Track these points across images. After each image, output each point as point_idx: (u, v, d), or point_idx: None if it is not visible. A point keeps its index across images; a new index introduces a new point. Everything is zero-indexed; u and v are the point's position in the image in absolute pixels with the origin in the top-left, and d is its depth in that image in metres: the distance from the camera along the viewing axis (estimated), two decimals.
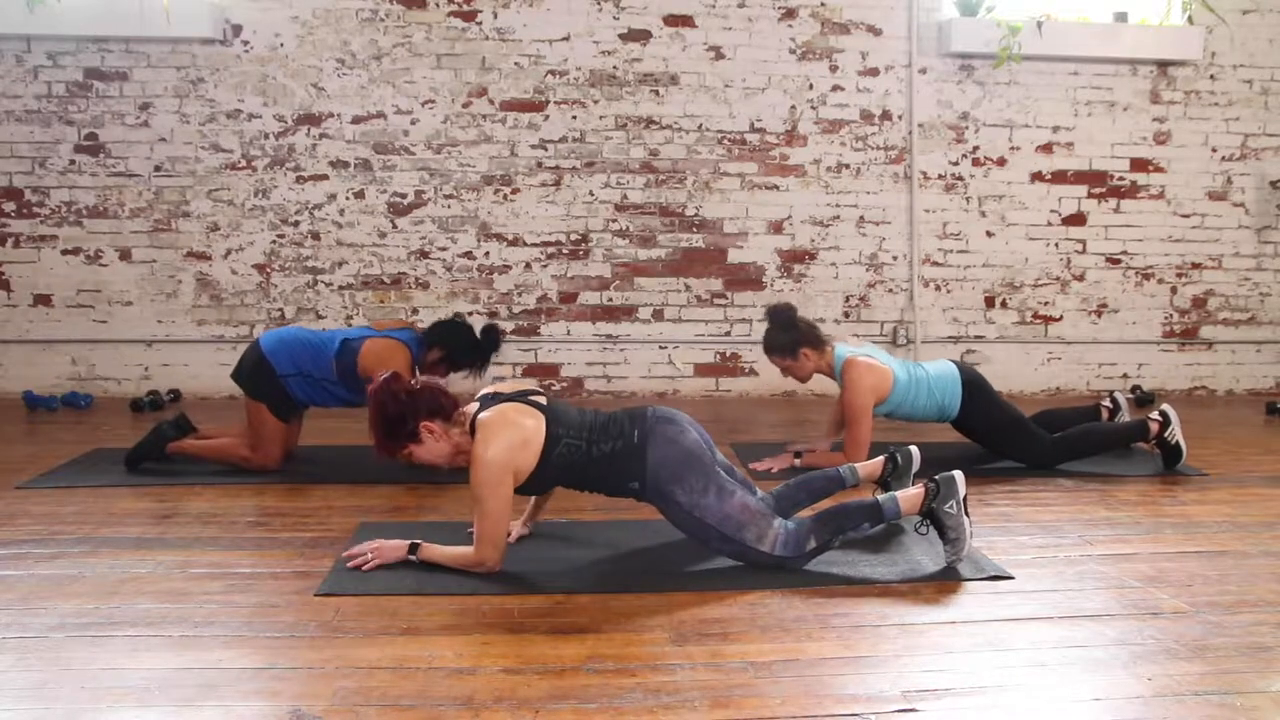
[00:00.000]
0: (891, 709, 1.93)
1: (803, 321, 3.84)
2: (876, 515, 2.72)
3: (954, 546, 2.67)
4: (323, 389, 3.62)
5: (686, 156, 5.29)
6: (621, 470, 2.66)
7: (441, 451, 2.65)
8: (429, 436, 2.62)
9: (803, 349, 3.76)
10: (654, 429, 2.66)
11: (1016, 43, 5.18)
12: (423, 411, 2.62)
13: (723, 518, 2.63)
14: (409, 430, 2.61)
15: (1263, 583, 2.63)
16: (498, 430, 2.56)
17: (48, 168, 5.07)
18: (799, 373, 3.82)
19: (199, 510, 3.21)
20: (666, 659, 2.13)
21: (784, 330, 3.79)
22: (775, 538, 2.66)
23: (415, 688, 1.99)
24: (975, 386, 3.79)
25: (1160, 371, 5.67)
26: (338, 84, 5.11)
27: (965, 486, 2.70)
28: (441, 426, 2.63)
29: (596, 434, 2.67)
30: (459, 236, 5.24)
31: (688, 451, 2.65)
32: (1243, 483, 3.68)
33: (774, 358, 3.85)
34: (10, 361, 5.15)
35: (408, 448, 2.64)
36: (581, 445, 2.65)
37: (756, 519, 2.65)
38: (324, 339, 3.64)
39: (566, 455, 2.64)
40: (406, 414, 2.60)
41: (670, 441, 2.65)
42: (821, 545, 2.69)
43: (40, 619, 2.32)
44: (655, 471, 2.63)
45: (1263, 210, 5.64)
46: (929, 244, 5.46)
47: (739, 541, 2.65)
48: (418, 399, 2.62)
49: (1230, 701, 1.96)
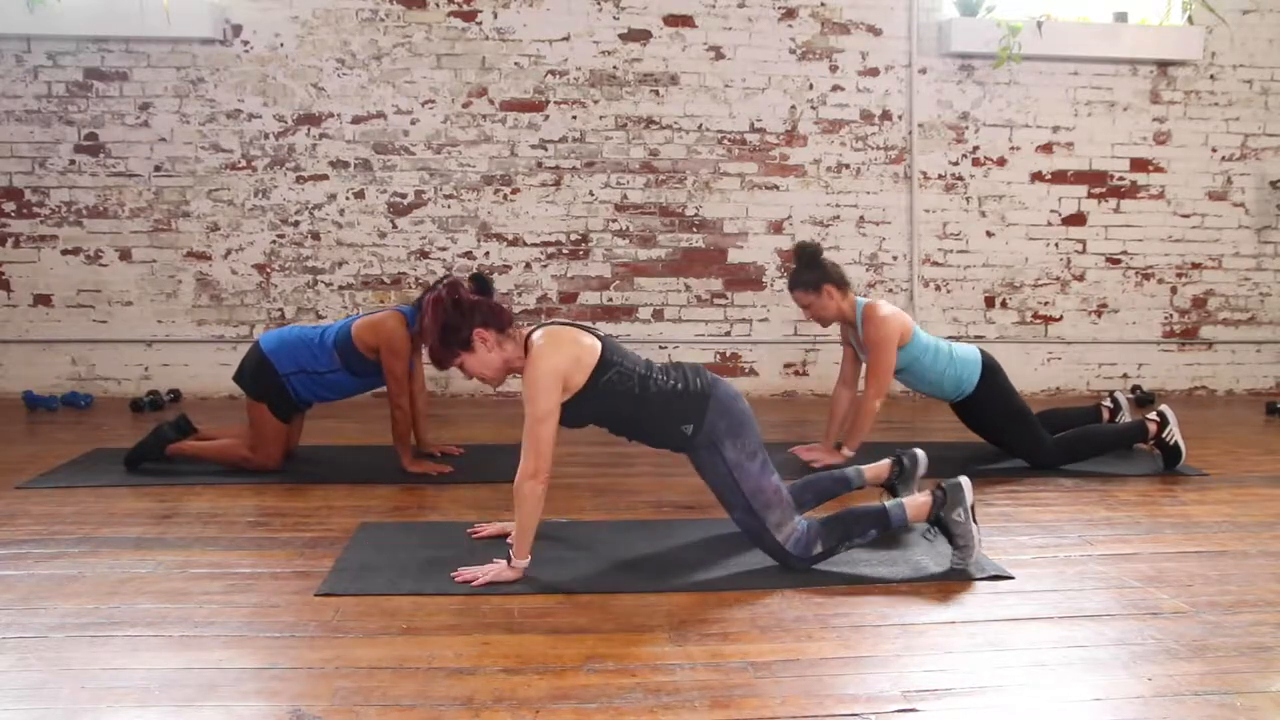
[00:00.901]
0: (891, 709, 1.93)
1: (829, 261, 3.82)
2: (884, 522, 2.72)
3: (963, 554, 2.66)
4: (326, 382, 3.62)
5: (686, 156, 5.29)
6: (678, 410, 2.67)
7: (493, 362, 2.65)
8: (481, 346, 2.63)
9: (827, 286, 3.74)
10: (717, 383, 2.73)
11: (1016, 43, 5.18)
12: (478, 320, 2.62)
13: (757, 489, 2.66)
14: (463, 338, 2.62)
15: (1263, 583, 2.63)
16: (553, 340, 2.60)
17: (48, 168, 5.07)
18: (822, 312, 3.79)
19: (199, 510, 3.21)
20: (666, 659, 2.13)
21: (810, 267, 3.76)
22: (792, 532, 2.68)
23: (415, 688, 1.99)
24: (993, 372, 3.82)
25: (1160, 371, 5.67)
26: (338, 84, 5.11)
27: (972, 493, 2.69)
28: (495, 337, 2.64)
29: (654, 370, 2.71)
30: (459, 236, 5.24)
31: (745, 412, 2.73)
32: (1243, 483, 3.68)
33: (797, 294, 3.80)
34: (10, 361, 5.15)
35: (460, 356, 2.64)
36: (634, 377, 2.66)
37: (784, 506, 2.69)
38: (319, 332, 3.65)
39: (616, 383, 2.64)
40: (462, 321, 2.61)
41: (733, 398, 2.72)
42: (827, 551, 2.70)
43: (40, 619, 2.32)
44: (714, 420, 2.66)
45: (1263, 210, 5.64)
46: (929, 244, 5.46)
47: (761, 519, 2.66)
48: (474, 308, 2.64)
49: (1230, 701, 1.96)
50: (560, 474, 3.62)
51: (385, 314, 3.62)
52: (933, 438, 4.32)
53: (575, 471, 3.71)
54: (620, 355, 2.69)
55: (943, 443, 4.17)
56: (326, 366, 3.59)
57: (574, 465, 3.78)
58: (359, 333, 3.58)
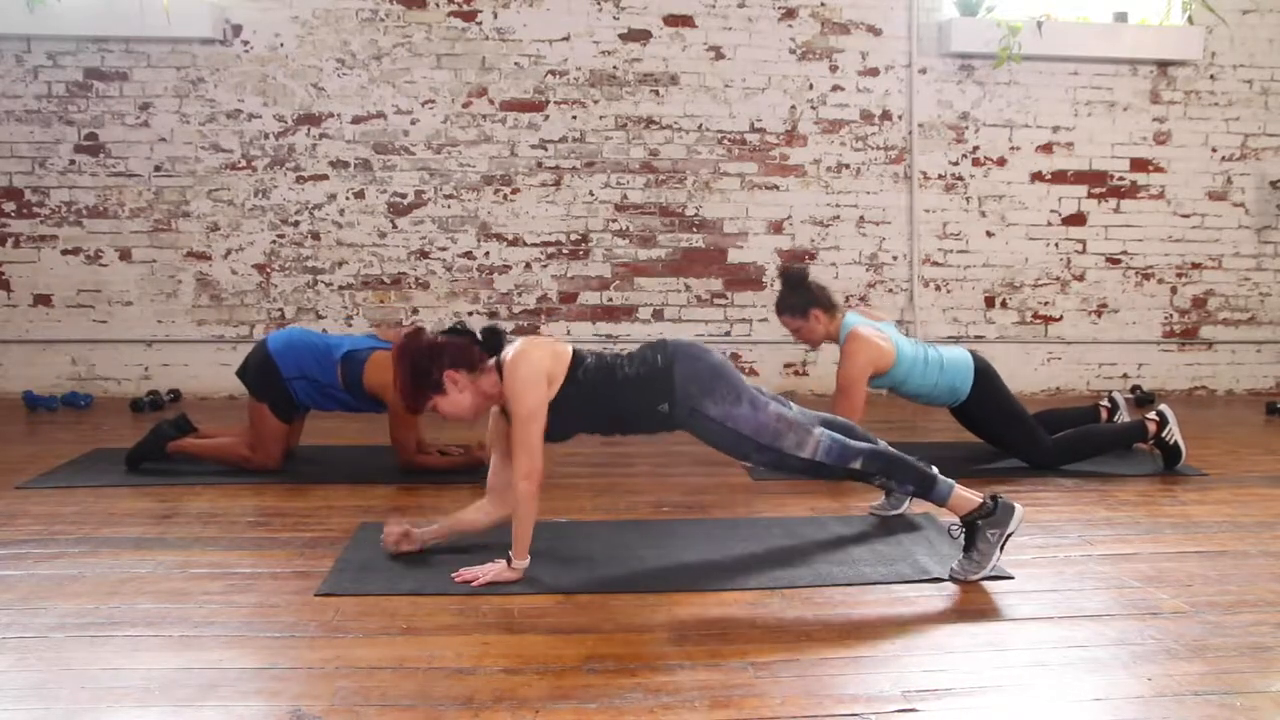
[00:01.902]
0: (891, 709, 1.93)
1: (815, 284, 3.82)
2: (927, 486, 2.68)
3: (969, 567, 2.61)
4: (326, 394, 3.62)
5: (686, 156, 5.29)
6: (649, 394, 2.70)
7: (464, 403, 2.66)
8: (453, 387, 2.64)
9: (814, 310, 3.74)
10: (677, 350, 2.74)
11: (1016, 43, 5.18)
12: (446, 361, 2.63)
13: (758, 426, 2.66)
14: (434, 381, 2.62)
15: (1263, 583, 2.63)
16: (526, 345, 2.67)
17: (48, 168, 5.07)
18: (809, 335, 3.80)
19: (199, 510, 3.21)
20: (666, 659, 2.13)
21: (796, 291, 3.77)
22: (817, 444, 2.67)
23: (415, 688, 1.99)
24: (986, 375, 3.81)
25: (1160, 371, 5.66)
26: (338, 84, 5.11)
27: (1019, 526, 2.62)
28: (466, 377, 2.65)
29: (620, 361, 2.76)
30: (459, 236, 5.24)
31: (714, 365, 2.73)
32: (1243, 483, 3.67)
33: (785, 318, 3.82)
34: (10, 361, 5.15)
35: (433, 400, 2.65)
36: (606, 366, 2.72)
37: (794, 427, 2.68)
38: (330, 344, 3.63)
39: (593, 374, 2.70)
40: (431, 365, 2.62)
41: (695, 359, 2.73)
42: (864, 472, 2.70)
43: (40, 619, 2.32)
44: (683, 387, 2.68)
45: (1263, 210, 5.64)
46: (929, 244, 5.46)
47: (777, 449, 2.67)
48: (442, 350, 2.65)
49: (1230, 701, 1.96)
50: (560, 474, 3.63)
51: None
52: (932, 437, 4.32)
53: (575, 471, 3.71)
54: (589, 353, 2.78)
55: (941, 443, 4.17)
56: (327, 381, 3.59)
57: (574, 465, 3.78)
58: (370, 370, 3.55)
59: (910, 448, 3.22)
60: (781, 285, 3.84)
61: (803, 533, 3.00)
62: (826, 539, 2.95)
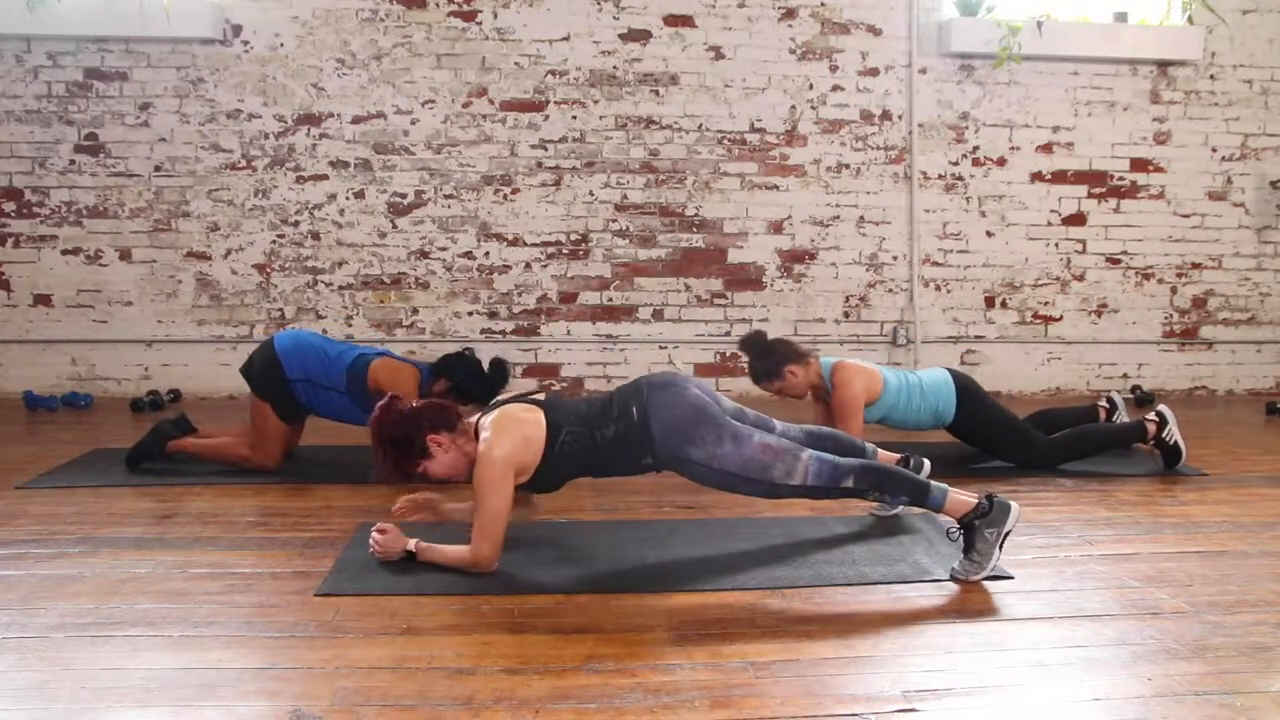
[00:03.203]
0: (891, 709, 1.93)
1: (777, 342, 3.84)
2: (921, 495, 2.67)
3: (970, 567, 2.61)
4: (327, 399, 3.61)
5: (686, 156, 5.29)
6: (632, 449, 2.68)
7: (452, 463, 2.65)
8: (438, 450, 2.62)
9: (787, 368, 3.76)
10: (651, 399, 2.67)
11: (1016, 43, 5.18)
12: (427, 426, 2.62)
13: (744, 462, 2.63)
14: (419, 447, 2.61)
15: (1263, 583, 2.63)
16: (501, 429, 2.59)
17: (48, 168, 5.07)
18: (792, 391, 3.82)
19: (199, 510, 3.21)
20: (666, 659, 2.13)
21: (763, 357, 3.79)
22: (806, 469, 2.65)
23: (415, 688, 1.99)
24: (968, 392, 3.81)
25: (1160, 371, 5.66)
26: (338, 84, 5.11)
27: (1016, 524, 2.63)
28: (449, 438, 2.64)
29: (596, 420, 2.68)
30: (459, 236, 5.24)
31: (692, 408, 2.65)
32: (1243, 483, 3.67)
33: (763, 384, 3.84)
34: (10, 361, 5.15)
35: (421, 465, 2.63)
36: (585, 432, 2.66)
37: (782, 455, 2.65)
38: (339, 350, 3.65)
39: (571, 444, 2.65)
40: (412, 432, 2.60)
41: (671, 406, 2.65)
42: (856, 490, 2.68)
43: (40, 619, 2.32)
44: (664, 440, 2.64)
45: (1263, 210, 5.63)
46: (929, 244, 5.46)
47: (767, 482, 2.65)
48: (420, 414, 2.63)
49: (1230, 701, 1.96)
50: None
51: (403, 368, 3.62)
52: (930, 438, 4.32)
53: None
54: (565, 414, 2.68)
55: (939, 443, 4.17)
56: (331, 384, 3.59)
57: None
58: (375, 372, 3.57)
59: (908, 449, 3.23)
60: (748, 357, 3.85)
61: (803, 533, 3.00)
62: (826, 539, 2.95)
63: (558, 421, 2.65)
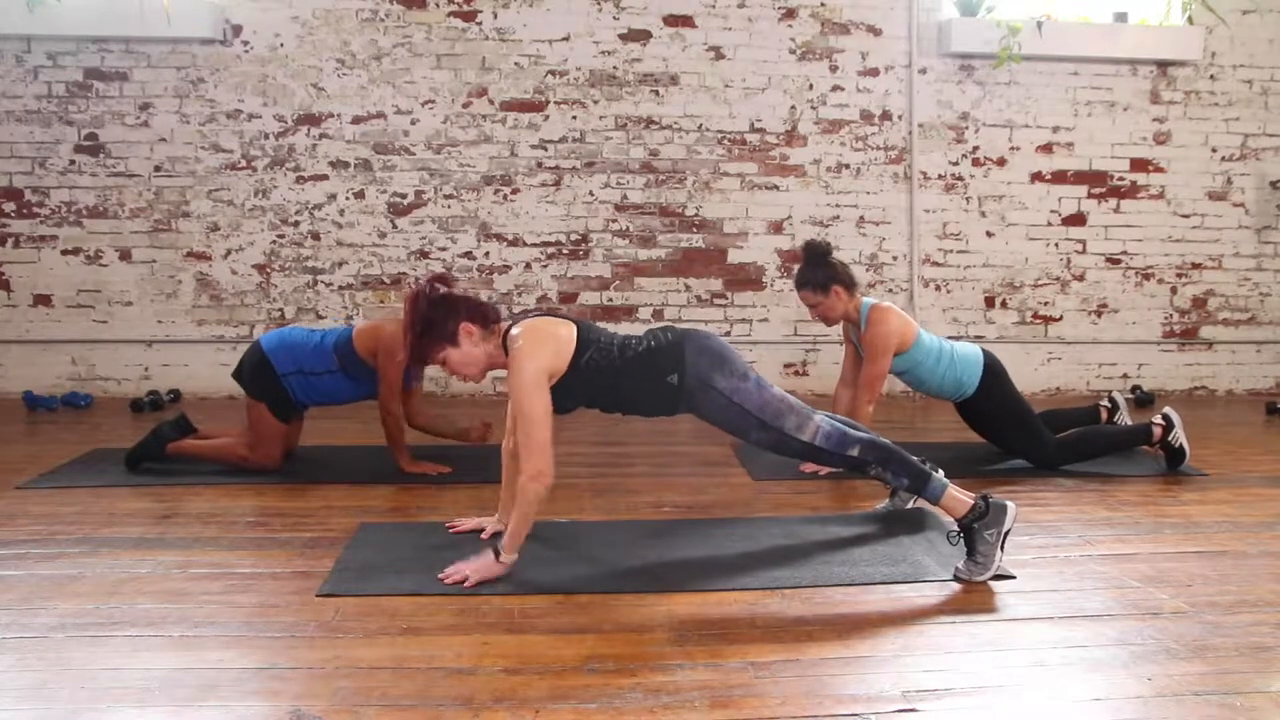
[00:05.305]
0: (891, 709, 1.93)
1: (837, 260, 3.77)
2: (922, 482, 2.70)
3: (974, 569, 2.61)
4: (322, 384, 3.62)
5: (686, 156, 5.29)
6: (658, 365, 2.70)
7: (476, 358, 2.64)
8: (467, 340, 2.61)
9: (835, 286, 3.69)
10: (687, 331, 2.79)
11: (1016, 43, 5.18)
12: (463, 313, 2.60)
13: (762, 404, 2.68)
14: (449, 331, 2.59)
15: (1263, 583, 2.63)
16: (533, 337, 2.60)
17: (48, 168, 5.07)
18: (828, 312, 3.74)
19: (199, 510, 3.21)
20: (666, 659, 2.13)
21: (819, 266, 3.71)
22: (817, 429, 2.69)
23: (415, 688, 1.99)
24: (995, 374, 3.80)
25: (1160, 371, 5.66)
26: (338, 84, 5.11)
27: (1014, 522, 2.64)
28: (480, 332, 2.63)
29: (625, 342, 2.75)
30: (459, 236, 5.24)
31: (723, 346, 2.78)
32: (1243, 483, 3.67)
33: (805, 293, 3.74)
34: (10, 361, 5.15)
35: (444, 351, 2.61)
36: (612, 350, 2.70)
37: (796, 411, 2.71)
38: (322, 334, 3.67)
39: (596, 360, 2.68)
40: (449, 315, 2.58)
41: (706, 338, 2.78)
42: (861, 461, 2.71)
43: (40, 619, 2.32)
44: (694, 360, 2.69)
45: (1263, 210, 5.63)
46: (929, 244, 5.46)
47: (778, 429, 2.68)
48: (459, 300, 2.61)
49: (1230, 701, 1.96)
50: (560, 474, 3.60)
51: (385, 319, 3.64)
52: (932, 438, 4.32)
53: (575, 471, 3.71)
54: (596, 333, 2.74)
55: (941, 443, 4.17)
56: (324, 367, 3.59)
57: (574, 465, 3.78)
58: (359, 337, 3.59)
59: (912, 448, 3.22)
60: (804, 259, 3.75)
61: (803, 533, 3.00)
62: (826, 539, 2.94)
63: (587, 338, 2.70)
